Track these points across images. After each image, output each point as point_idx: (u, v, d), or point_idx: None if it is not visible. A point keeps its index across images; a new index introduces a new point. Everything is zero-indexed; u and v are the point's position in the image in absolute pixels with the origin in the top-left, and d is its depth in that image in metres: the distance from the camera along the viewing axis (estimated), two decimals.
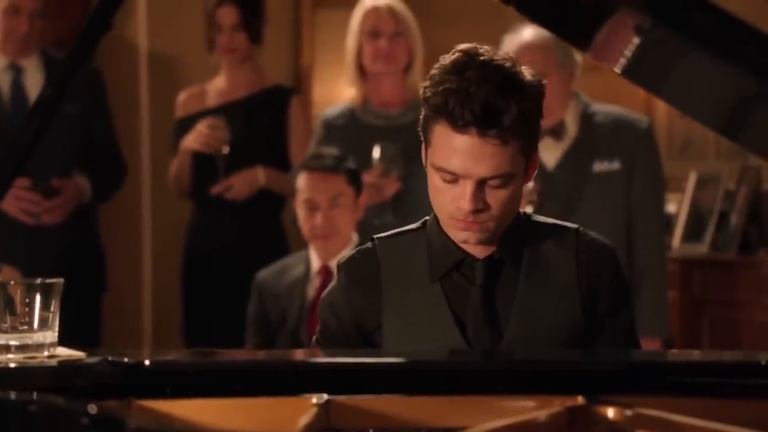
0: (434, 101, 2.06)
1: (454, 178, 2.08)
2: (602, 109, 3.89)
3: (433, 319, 2.15)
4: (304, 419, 1.73)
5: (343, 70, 4.15)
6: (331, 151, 3.70)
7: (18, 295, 1.82)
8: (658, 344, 3.84)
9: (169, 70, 4.96)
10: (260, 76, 4.39)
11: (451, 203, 2.10)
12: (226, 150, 4.19)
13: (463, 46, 2.12)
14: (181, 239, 4.40)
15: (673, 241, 4.75)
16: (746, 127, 2.02)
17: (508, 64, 2.08)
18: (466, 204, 2.07)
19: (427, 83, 2.10)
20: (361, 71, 3.98)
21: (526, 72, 2.10)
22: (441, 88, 2.05)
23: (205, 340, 4.19)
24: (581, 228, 2.23)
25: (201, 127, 4.22)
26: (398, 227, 2.24)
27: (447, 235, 2.17)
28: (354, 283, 2.20)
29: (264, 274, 3.66)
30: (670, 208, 4.74)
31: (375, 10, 3.98)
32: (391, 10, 3.99)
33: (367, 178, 3.73)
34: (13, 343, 1.80)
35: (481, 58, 2.07)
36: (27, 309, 1.82)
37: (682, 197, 4.84)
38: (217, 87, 4.37)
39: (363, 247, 2.25)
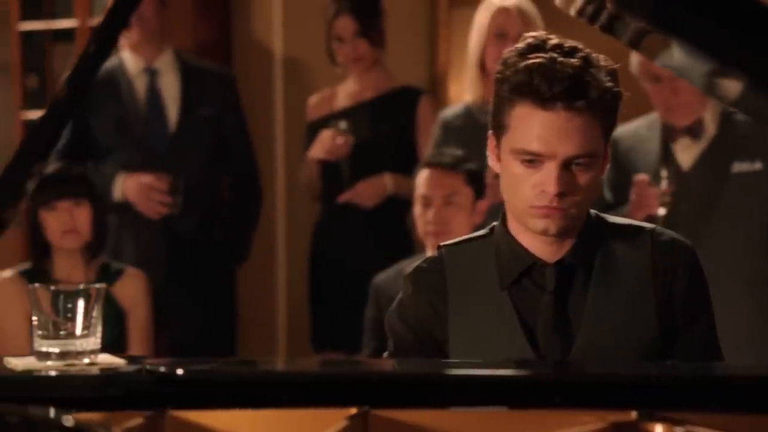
0: (515, 80, 2.00)
1: (537, 162, 2.00)
2: None
3: (501, 328, 2.07)
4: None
5: None
6: (455, 150, 3.63)
7: (60, 301, 1.81)
8: None
9: (304, 74, 4.98)
10: (388, 78, 4.35)
11: (532, 190, 2.01)
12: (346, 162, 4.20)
13: (531, 33, 2.07)
14: None
15: None
16: None
17: (581, 46, 2.04)
18: (551, 187, 1.99)
19: (502, 67, 2.04)
20: (482, 70, 3.90)
21: (600, 56, 2.04)
22: (522, 65, 1.99)
23: (331, 342, 4.20)
24: (657, 227, 2.12)
25: (325, 136, 4.21)
26: None
27: (515, 240, 2.08)
28: (421, 293, 2.13)
29: (381, 278, 3.63)
30: None
31: (504, 11, 3.89)
32: (520, 11, 3.89)
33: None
34: (53, 350, 1.80)
35: (553, 41, 2.04)
36: (69, 315, 1.81)
37: None
38: (347, 90, 4.35)
39: (430, 256, 2.19)
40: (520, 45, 2.03)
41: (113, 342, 3.56)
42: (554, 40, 2.03)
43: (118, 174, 4.13)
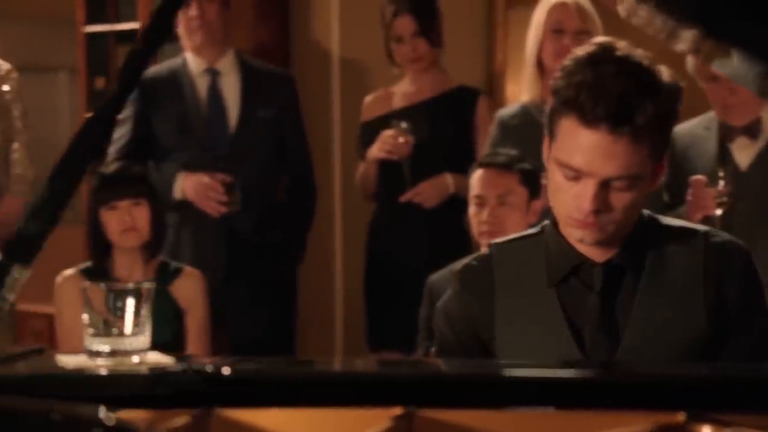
0: (565, 94, 1.98)
1: (576, 176, 1.99)
2: None
3: (547, 327, 2.07)
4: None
5: None
6: (510, 150, 3.61)
7: (111, 300, 1.83)
8: None
9: (361, 75, 5.00)
10: (445, 78, 4.36)
11: (571, 202, 2.01)
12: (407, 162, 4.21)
13: (599, 39, 2.05)
14: None
15: None
16: None
17: (646, 62, 1.99)
18: (586, 204, 1.98)
19: (559, 74, 2.02)
20: (539, 68, 3.89)
21: (665, 72, 2.00)
22: (573, 80, 1.97)
23: (387, 342, 4.20)
24: (711, 230, 2.10)
25: (387, 135, 4.22)
26: None
27: (565, 239, 2.08)
28: (468, 291, 2.14)
29: (435, 277, 3.62)
30: None
31: (561, 6, 3.88)
32: (578, 7, 3.88)
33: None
34: (104, 348, 1.81)
35: (618, 53, 1.99)
36: (119, 314, 1.82)
37: None
38: (403, 90, 4.37)
39: (480, 253, 2.20)
40: (581, 53, 2.01)
41: (172, 341, 3.60)
42: (619, 51, 1.98)
43: (179, 173, 4.16)
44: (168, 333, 3.62)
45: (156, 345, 1.87)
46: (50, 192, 1.77)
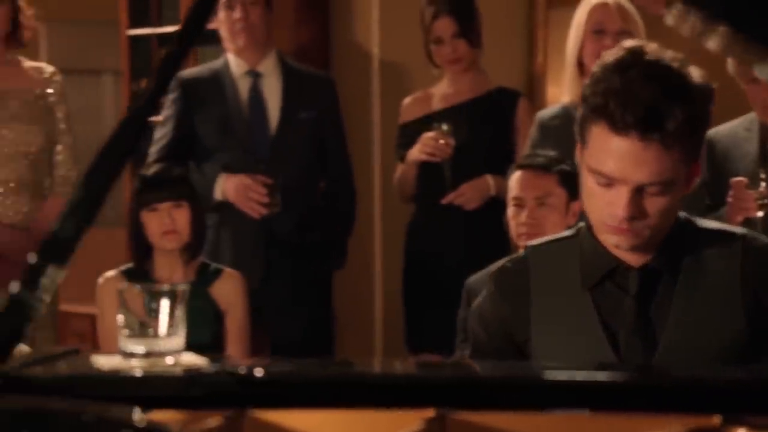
0: (594, 101, 1.97)
1: (609, 183, 1.98)
2: None
3: (582, 330, 2.06)
4: None
5: None
6: (549, 152, 3.60)
7: (145, 302, 1.84)
8: None
9: (401, 77, 5.00)
10: (485, 80, 4.36)
11: (604, 208, 2.00)
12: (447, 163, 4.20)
13: (629, 43, 2.03)
14: None
15: None
16: None
17: (676, 65, 1.97)
18: (620, 211, 1.97)
19: (588, 81, 2.01)
20: (581, 69, 3.87)
21: (696, 74, 1.99)
22: (602, 87, 1.96)
23: (426, 343, 4.20)
24: (749, 233, 2.08)
25: (428, 137, 4.22)
26: None
27: (600, 242, 2.07)
28: (503, 293, 2.14)
29: (473, 279, 3.60)
30: None
31: (602, 6, 3.86)
32: (619, 7, 3.86)
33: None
34: (138, 350, 1.82)
35: (647, 57, 1.97)
36: (154, 315, 1.83)
37: None
38: (442, 91, 4.37)
39: (515, 255, 2.19)
40: (610, 58, 2.00)
41: (211, 342, 3.62)
42: (648, 56, 1.97)
43: (220, 175, 4.18)
44: (208, 334, 3.63)
45: (196, 346, 1.87)
46: (86, 191, 1.77)
